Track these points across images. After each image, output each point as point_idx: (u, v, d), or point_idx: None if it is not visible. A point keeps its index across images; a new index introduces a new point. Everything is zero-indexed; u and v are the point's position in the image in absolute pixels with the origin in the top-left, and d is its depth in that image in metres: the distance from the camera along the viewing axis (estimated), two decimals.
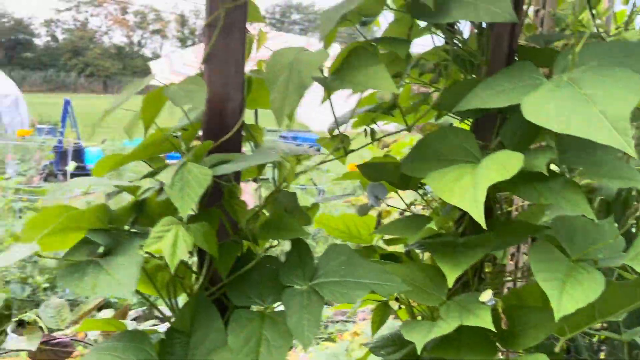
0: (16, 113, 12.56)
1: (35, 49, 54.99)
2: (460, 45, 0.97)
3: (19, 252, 0.79)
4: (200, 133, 0.98)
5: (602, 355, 1.29)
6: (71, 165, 8.17)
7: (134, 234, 0.86)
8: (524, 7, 0.98)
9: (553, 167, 0.84)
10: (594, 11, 1.38)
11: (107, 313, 1.38)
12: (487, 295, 0.84)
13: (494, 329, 0.78)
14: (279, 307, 0.87)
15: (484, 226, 0.70)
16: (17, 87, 13.71)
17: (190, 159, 0.77)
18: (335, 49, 0.93)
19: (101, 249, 0.83)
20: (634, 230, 1.27)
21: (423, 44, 1.07)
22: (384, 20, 1.03)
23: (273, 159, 0.77)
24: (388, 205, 1.05)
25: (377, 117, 0.96)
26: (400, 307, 1.14)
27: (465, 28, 1.04)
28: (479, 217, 0.71)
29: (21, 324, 3.38)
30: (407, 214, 1.18)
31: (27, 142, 4.16)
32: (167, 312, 0.93)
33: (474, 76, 0.98)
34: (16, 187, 3.46)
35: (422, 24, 0.95)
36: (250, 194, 0.97)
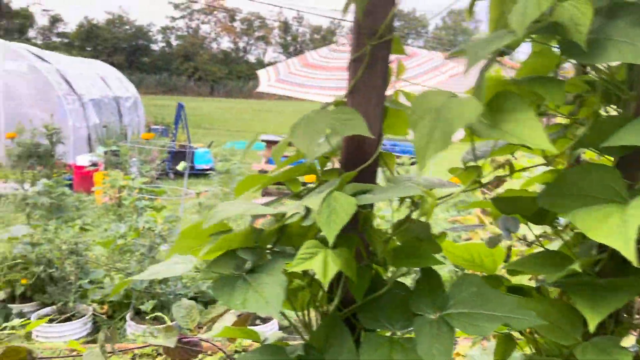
0: (135, 114, 13.63)
1: (152, 54, 59.38)
2: (605, 77, 0.94)
3: (182, 266, 0.88)
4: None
5: None
6: (181, 165, 8.76)
7: (276, 253, 0.93)
8: None
9: None
10: None
11: (230, 317, 1.47)
12: (630, 341, 0.80)
13: None
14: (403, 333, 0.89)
15: (637, 264, 0.68)
16: (136, 89, 14.86)
17: (337, 188, 0.81)
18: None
19: (247, 265, 0.90)
20: None
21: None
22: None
23: (415, 193, 0.79)
24: (519, 239, 1.04)
25: (516, 149, 0.95)
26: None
27: None
28: (632, 256, 0.69)
29: (138, 312, 3.68)
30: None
31: (147, 146, 4.55)
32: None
33: (620, 110, 0.94)
34: (140, 187, 3.79)
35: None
36: None
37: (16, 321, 1.82)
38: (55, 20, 57.80)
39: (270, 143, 9.92)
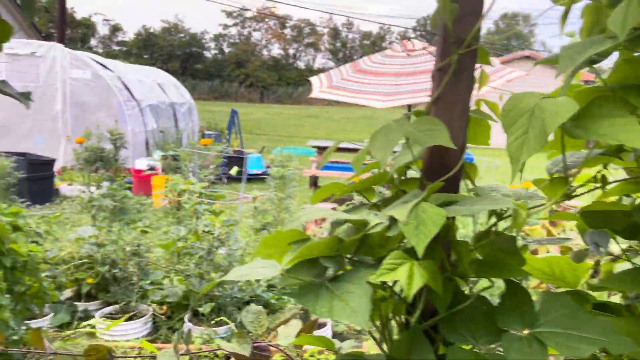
0: (189, 119, 14.01)
1: (205, 61, 60.98)
2: None
3: (268, 270, 0.89)
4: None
5: None
6: (234, 170, 8.93)
7: (357, 262, 0.93)
8: None
9: None
10: None
11: (296, 323, 1.48)
12: None
13: None
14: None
15: None
16: (190, 96, 15.27)
17: (424, 198, 0.80)
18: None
19: (328, 273, 0.90)
20: None
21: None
22: None
23: (507, 205, 0.77)
24: (610, 255, 1.00)
25: (609, 161, 0.92)
26: None
27: None
28: None
29: (196, 314, 3.76)
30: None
31: (206, 151, 4.67)
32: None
33: None
34: (200, 191, 3.89)
35: None
36: None
37: (94, 320, 1.90)
38: (115, 29, 60.34)
39: (321, 149, 9.99)
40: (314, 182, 9.61)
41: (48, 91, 9.35)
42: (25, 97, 1.24)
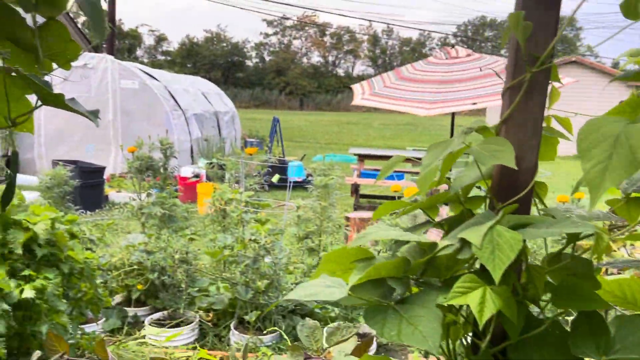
0: (232, 127, 14.25)
1: (246, 69, 61.95)
2: None
3: (337, 290, 0.89)
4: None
5: None
6: (275, 177, 9.00)
7: (424, 284, 0.91)
8: None
9: None
10: None
11: (352, 340, 1.47)
12: None
13: None
14: None
15: None
16: (233, 104, 15.53)
17: (499, 221, 0.78)
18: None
19: (395, 294, 0.89)
20: None
21: None
22: None
23: (590, 230, 0.75)
24: None
25: None
26: None
27: None
28: None
29: (241, 322, 3.80)
30: None
31: (252, 161, 4.74)
32: None
33: None
34: (246, 200, 3.94)
35: None
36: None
37: (153, 329, 1.94)
38: (160, 39, 62.09)
39: (362, 157, 9.95)
40: (355, 189, 9.58)
41: (99, 101, 9.68)
42: (94, 115, 1.28)
